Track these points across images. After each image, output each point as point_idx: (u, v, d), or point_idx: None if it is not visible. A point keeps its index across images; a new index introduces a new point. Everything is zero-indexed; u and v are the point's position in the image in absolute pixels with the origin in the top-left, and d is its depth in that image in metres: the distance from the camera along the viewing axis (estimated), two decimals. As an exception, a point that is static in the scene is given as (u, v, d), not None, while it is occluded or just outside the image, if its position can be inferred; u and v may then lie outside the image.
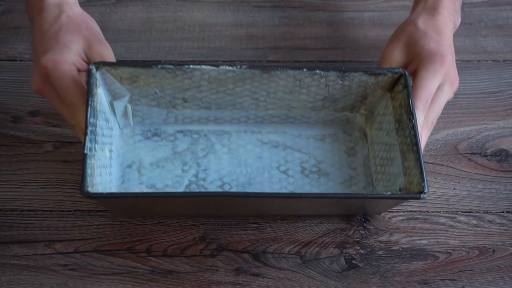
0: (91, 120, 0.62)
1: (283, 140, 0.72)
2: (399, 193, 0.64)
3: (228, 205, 0.65)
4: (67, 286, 0.64)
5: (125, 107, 0.69)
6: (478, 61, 0.85)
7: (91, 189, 0.59)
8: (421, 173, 0.62)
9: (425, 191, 0.61)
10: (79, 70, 0.67)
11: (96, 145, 0.62)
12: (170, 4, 0.92)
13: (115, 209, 0.66)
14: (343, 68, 0.68)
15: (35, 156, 0.74)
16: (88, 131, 0.61)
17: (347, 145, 0.72)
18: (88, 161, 0.60)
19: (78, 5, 0.73)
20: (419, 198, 0.61)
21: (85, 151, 0.60)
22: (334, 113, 0.72)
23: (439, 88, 0.68)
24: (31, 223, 0.68)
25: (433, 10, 0.74)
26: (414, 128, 0.64)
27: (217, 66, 0.66)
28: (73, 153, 0.74)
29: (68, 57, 0.66)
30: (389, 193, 0.65)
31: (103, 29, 0.89)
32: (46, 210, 0.69)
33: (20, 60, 0.85)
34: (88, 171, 0.59)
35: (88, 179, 0.59)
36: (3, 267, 0.65)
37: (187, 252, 0.67)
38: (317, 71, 0.68)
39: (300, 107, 0.71)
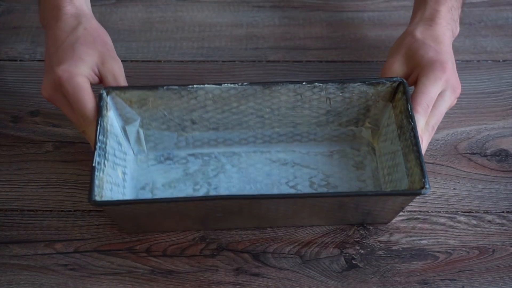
0: (100, 137, 0.64)
1: (291, 158, 0.73)
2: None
3: (233, 213, 0.65)
4: (67, 286, 0.64)
5: (137, 132, 0.71)
6: (478, 61, 0.85)
7: (99, 198, 0.61)
8: (422, 170, 0.62)
9: (426, 186, 0.61)
10: (90, 83, 0.68)
11: (106, 162, 0.64)
12: (170, 4, 0.92)
13: (124, 221, 0.66)
14: (342, 80, 0.69)
15: (35, 156, 0.74)
16: (97, 147, 0.64)
17: (356, 159, 0.73)
18: (96, 173, 0.62)
19: (94, 18, 0.74)
20: (420, 194, 0.61)
21: (94, 164, 0.62)
22: (340, 128, 0.73)
23: (441, 94, 0.68)
24: (31, 223, 0.68)
25: (431, 20, 0.74)
26: (413, 129, 0.65)
27: (220, 84, 0.69)
28: (73, 153, 0.74)
29: (83, 70, 0.67)
30: (389, 190, 0.65)
31: (103, 29, 0.89)
32: (46, 210, 0.69)
33: (20, 60, 0.85)
34: (96, 182, 0.62)
35: (96, 189, 0.61)
36: (3, 267, 0.65)
37: (187, 252, 0.67)
38: (316, 84, 0.69)
39: (305, 123, 0.72)
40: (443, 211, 0.70)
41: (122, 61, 0.71)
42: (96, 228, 0.68)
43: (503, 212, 0.70)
